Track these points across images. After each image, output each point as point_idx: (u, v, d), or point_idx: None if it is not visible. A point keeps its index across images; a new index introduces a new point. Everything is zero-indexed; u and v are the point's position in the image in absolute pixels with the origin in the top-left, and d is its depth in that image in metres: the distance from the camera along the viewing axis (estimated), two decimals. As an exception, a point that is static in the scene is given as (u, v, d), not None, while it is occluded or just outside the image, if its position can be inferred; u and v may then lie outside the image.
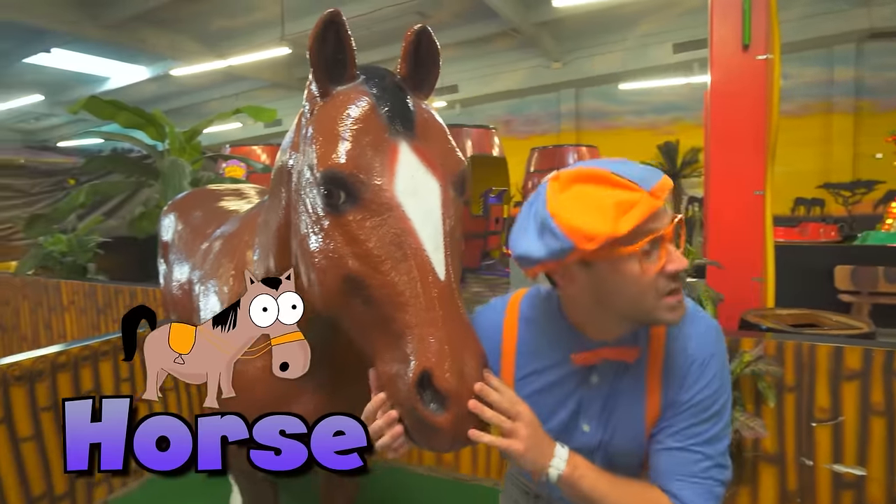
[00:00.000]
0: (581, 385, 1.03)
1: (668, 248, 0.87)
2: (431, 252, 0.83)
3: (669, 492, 0.93)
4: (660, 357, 0.99)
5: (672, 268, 0.87)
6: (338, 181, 0.86)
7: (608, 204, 0.84)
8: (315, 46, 0.90)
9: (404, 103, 0.92)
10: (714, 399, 0.95)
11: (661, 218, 0.87)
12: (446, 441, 0.78)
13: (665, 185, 0.86)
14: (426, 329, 0.78)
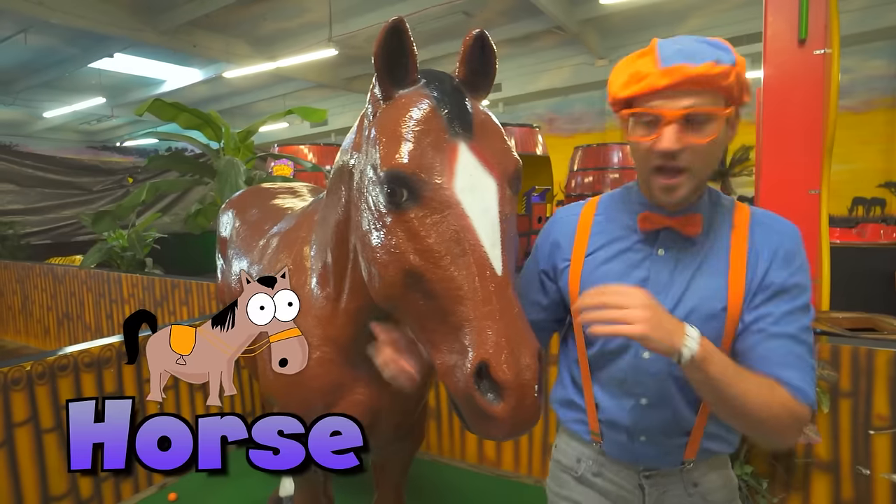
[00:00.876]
0: (648, 257, 1.08)
1: (668, 129, 0.93)
2: (489, 248, 0.87)
3: (781, 380, 0.94)
4: (744, 238, 1.03)
5: (657, 146, 0.94)
6: (400, 180, 0.90)
7: (630, 71, 0.97)
8: (380, 52, 0.95)
9: (463, 105, 0.96)
10: (804, 288, 0.99)
11: (669, 98, 0.93)
12: (502, 430, 0.82)
13: (681, 70, 0.90)
14: (484, 322, 0.82)
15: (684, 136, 0.94)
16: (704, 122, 0.94)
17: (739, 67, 0.95)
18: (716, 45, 0.96)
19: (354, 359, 1.42)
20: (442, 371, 0.86)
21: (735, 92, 0.95)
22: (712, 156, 0.99)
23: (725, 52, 0.94)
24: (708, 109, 0.93)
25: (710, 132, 0.94)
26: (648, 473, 1.15)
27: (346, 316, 1.36)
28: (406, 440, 1.71)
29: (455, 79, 1.02)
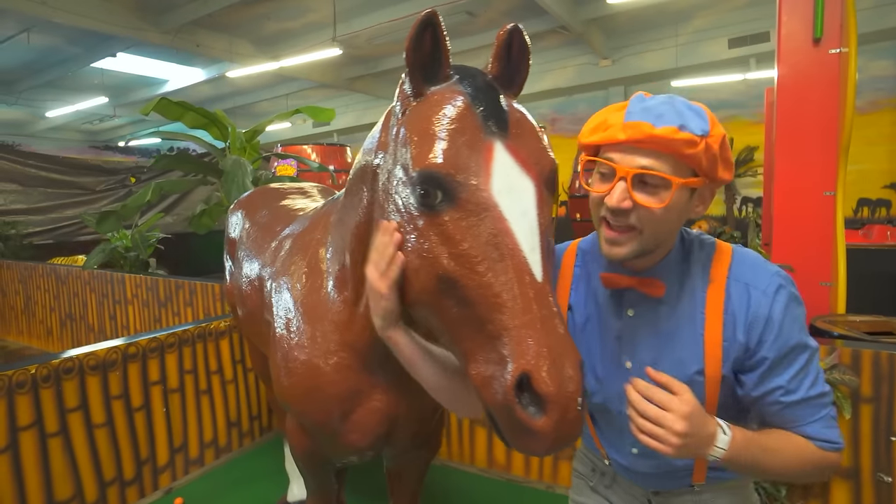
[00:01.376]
0: (618, 318, 1.07)
1: (618, 185, 0.92)
2: (528, 252, 0.82)
3: (808, 436, 0.98)
4: (720, 297, 0.99)
5: (607, 200, 0.93)
6: (435, 181, 0.86)
7: (600, 119, 0.97)
8: (412, 46, 0.91)
9: (498, 103, 0.92)
10: (800, 347, 0.97)
11: (626, 153, 0.92)
12: (543, 445, 0.77)
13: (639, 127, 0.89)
14: (524, 331, 0.77)
15: (636, 195, 0.91)
16: (659, 186, 0.91)
17: (713, 140, 0.90)
18: (692, 110, 0.92)
19: (372, 365, 1.37)
20: (478, 382, 0.82)
21: (703, 164, 0.90)
22: (666, 223, 0.94)
23: (699, 121, 0.90)
24: (660, 174, 0.89)
25: (664, 198, 0.90)
26: (657, 491, 1.17)
27: (365, 320, 1.32)
28: (423, 448, 1.66)
29: (488, 75, 0.97)
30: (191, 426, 2.96)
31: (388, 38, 11.68)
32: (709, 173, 0.92)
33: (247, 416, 3.30)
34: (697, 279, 1.02)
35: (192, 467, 2.95)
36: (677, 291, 1.02)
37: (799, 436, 0.98)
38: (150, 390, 2.76)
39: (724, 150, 0.93)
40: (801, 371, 0.97)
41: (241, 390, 3.27)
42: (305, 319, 1.42)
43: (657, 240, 0.96)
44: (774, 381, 0.97)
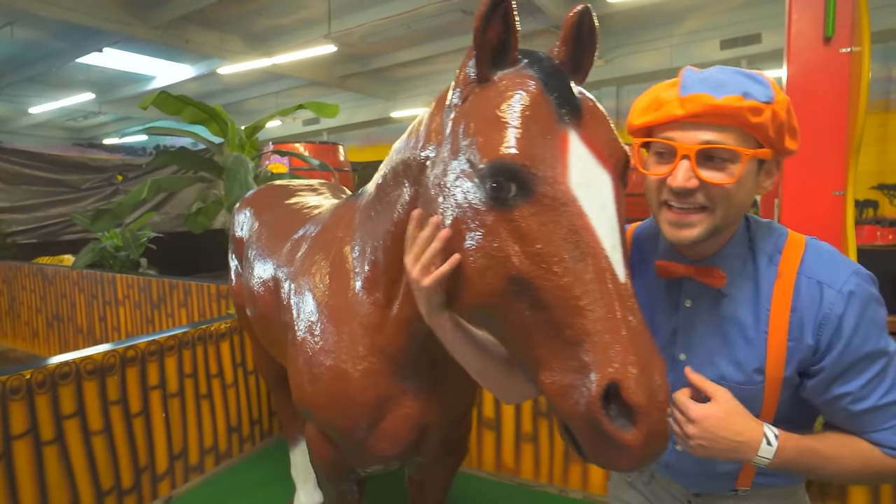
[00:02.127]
0: (675, 309, 1.01)
1: (681, 164, 0.85)
2: (610, 251, 0.76)
3: (876, 443, 0.91)
4: (788, 292, 0.91)
5: (671, 181, 0.86)
6: (509, 173, 0.78)
7: (651, 97, 0.91)
8: (481, 27, 0.83)
9: (570, 89, 0.85)
10: (876, 354, 0.89)
11: (687, 130, 0.85)
12: (632, 460, 0.71)
13: (701, 99, 0.82)
14: (608, 336, 0.70)
15: (702, 173, 0.84)
16: (727, 160, 0.84)
17: (778, 106, 0.84)
18: (751, 77, 0.85)
19: (405, 369, 1.30)
20: (553, 391, 0.75)
21: (770, 133, 0.84)
22: (736, 201, 0.87)
23: (762, 87, 0.84)
24: (728, 147, 0.83)
25: (734, 173, 0.84)
26: (697, 492, 1.10)
27: (398, 324, 1.24)
28: (452, 454, 1.59)
29: (555, 59, 0.90)
30: (191, 432, 2.85)
31: (380, 35, 11.57)
32: (776, 143, 0.86)
33: (247, 421, 3.20)
34: (764, 271, 0.94)
35: (191, 474, 2.85)
36: (740, 283, 0.95)
37: (864, 441, 0.92)
38: (148, 395, 2.65)
39: (790, 118, 0.87)
40: (874, 378, 0.89)
41: (242, 394, 3.17)
42: (332, 322, 1.34)
43: (728, 219, 0.89)
44: (843, 388, 0.90)
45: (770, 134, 0.84)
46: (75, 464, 2.35)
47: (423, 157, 1.02)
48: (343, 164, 10.18)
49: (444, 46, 12.88)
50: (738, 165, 0.84)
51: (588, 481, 2.79)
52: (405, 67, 14.94)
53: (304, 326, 1.42)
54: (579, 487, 2.80)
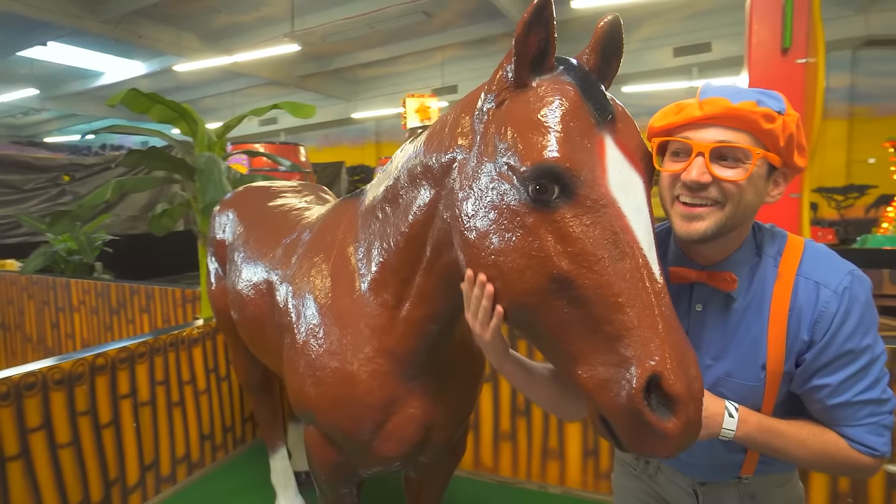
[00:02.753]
0: (687, 313, 1.05)
1: (696, 160, 0.90)
2: (647, 251, 0.79)
3: (844, 436, 0.97)
4: (787, 291, 0.97)
5: (685, 176, 0.91)
6: (552, 175, 0.81)
7: (673, 105, 0.98)
8: (523, 32, 0.85)
9: (604, 95, 0.88)
10: (859, 352, 0.94)
11: (703, 130, 0.92)
12: (671, 447, 0.74)
13: (718, 102, 0.89)
14: (648, 331, 0.74)
15: (714, 170, 0.90)
16: (739, 159, 0.90)
17: (790, 119, 0.90)
18: (766, 93, 0.92)
19: (411, 371, 1.31)
20: (592, 385, 0.77)
21: (781, 142, 0.89)
22: (745, 200, 0.92)
23: (775, 101, 0.91)
24: (741, 146, 0.89)
25: (744, 172, 0.90)
26: (703, 481, 1.15)
27: (407, 325, 1.25)
28: (452, 454, 1.61)
29: (587, 67, 0.93)
30: (162, 441, 2.75)
31: (342, 35, 11.47)
32: (784, 153, 0.92)
33: (220, 429, 3.11)
34: (768, 273, 0.99)
35: (163, 485, 2.75)
36: (748, 286, 1.00)
37: (833, 432, 0.97)
38: (119, 405, 2.55)
39: (799, 134, 0.92)
40: (855, 375, 0.94)
41: (215, 401, 3.08)
42: (336, 324, 1.33)
43: (737, 218, 0.93)
44: (823, 380, 0.95)
45: (780, 143, 0.89)
46: (41, 479, 2.23)
47: (447, 160, 1.03)
48: (304, 166, 10.04)
49: (406, 48, 12.87)
50: (749, 164, 0.89)
51: (566, 476, 2.85)
52: (367, 68, 14.85)
53: (306, 329, 1.40)
54: (558, 483, 2.85)
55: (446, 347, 1.32)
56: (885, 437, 0.96)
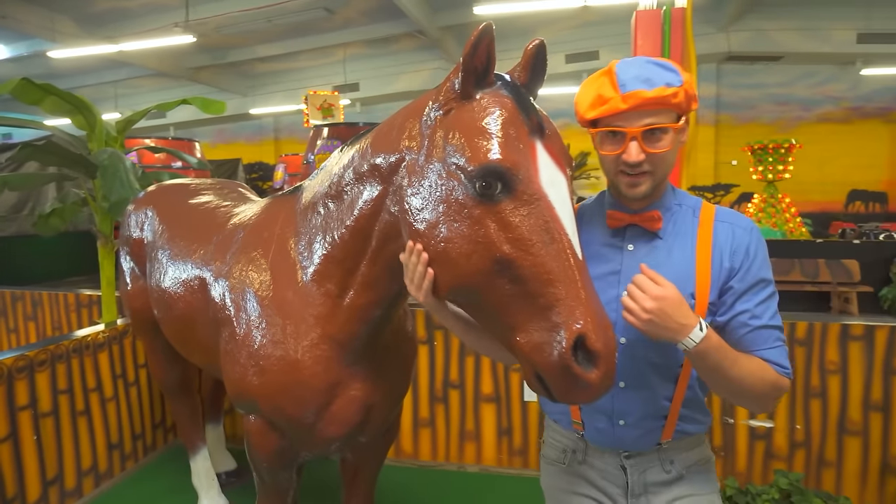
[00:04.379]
0: (620, 252, 1.20)
1: (632, 144, 1.07)
2: (571, 235, 0.95)
3: (767, 359, 1.11)
4: (709, 233, 1.16)
5: (625, 157, 1.09)
6: (497, 174, 0.95)
7: (594, 94, 1.11)
8: (470, 52, 0.98)
9: (534, 107, 1.03)
10: (768, 280, 1.13)
11: (630, 118, 1.07)
12: (594, 394, 0.90)
13: (639, 95, 1.05)
14: (575, 301, 0.90)
15: (645, 147, 1.08)
16: (661, 134, 1.08)
17: (686, 86, 1.08)
18: (666, 68, 1.09)
19: (353, 355, 1.41)
20: (529, 349, 0.92)
21: (684, 105, 1.09)
22: (669, 160, 1.13)
23: (675, 75, 1.08)
24: (661, 125, 1.07)
25: (667, 143, 1.09)
26: (629, 454, 1.26)
27: (350, 312, 1.35)
28: (388, 433, 1.72)
29: (519, 82, 1.08)
30: (66, 453, 2.60)
31: (238, 28, 11.02)
32: (686, 110, 1.11)
33: (129, 437, 2.98)
34: (688, 220, 1.18)
35: (67, 500, 2.60)
36: (671, 230, 1.17)
37: (760, 358, 1.11)
38: (17, 417, 2.38)
39: (691, 88, 1.10)
40: (764, 301, 1.12)
41: (123, 408, 2.94)
42: (279, 315, 1.40)
43: (664, 175, 1.14)
44: (744, 305, 1.11)
45: (684, 106, 1.09)
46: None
47: (395, 160, 1.14)
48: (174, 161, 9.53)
49: (307, 44, 12.61)
50: (669, 135, 1.08)
51: (482, 456, 3.05)
52: (265, 62, 14.34)
53: (247, 321, 1.45)
54: (475, 462, 3.05)
55: (380, 342, 1.44)
56: (789, 363, 1.12)
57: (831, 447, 2.68)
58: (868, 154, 14.07)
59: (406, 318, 1.62)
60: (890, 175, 14.09)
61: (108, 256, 3.24)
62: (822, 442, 2.68)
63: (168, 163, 8.11)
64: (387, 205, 1.19)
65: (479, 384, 3.04)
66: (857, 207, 14.35)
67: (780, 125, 14.39)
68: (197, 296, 1.71)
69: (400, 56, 14.43)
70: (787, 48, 12.86)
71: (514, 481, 2.90)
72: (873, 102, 14.01)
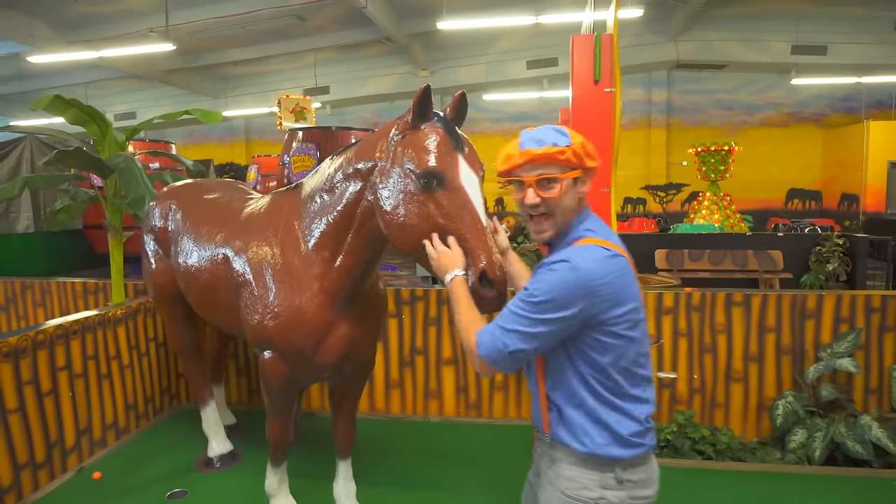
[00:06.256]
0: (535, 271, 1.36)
1: (529, 190, 1.31)
2: (480, 212, 1.55)
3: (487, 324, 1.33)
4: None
5: (525, 201, 1.32)
6: (433, 175, 1.54)
7: (505, 153, 1.35)
8: (418, 101, 1.57)
9: (458, 134, 1.63)
10: (534, 294, 1.24)
11: (526, 170, 1.31)
12: (494, 305, 1.48)
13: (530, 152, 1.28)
14: (480, 250, 1.48)
15: (538, 193, 1.30)
16: (552, 183, 1.30)
17: (575, 146, 1.28)
18: (558, 132, 1.32)
19: (340, 303, 2.00)
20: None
21: (574, 161, 1.28)
22: (564, 204, 1.31)
23: (563, 137, 1.30)
24: (550, 175, 1.28)
25: (557, 190, 1.29)
26: (538, 433, 1.44)
27: (340, 271, 1.94)
28: (366, 366, 2.31)
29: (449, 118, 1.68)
30: (94, 409, 3.11)
31: (212, 33, 11.39)
32: (580, 165, 1.31)
33: (142, 399, 3.49)
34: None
35: (96, 448, 3.11)
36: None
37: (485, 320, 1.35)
38: (57, 376, 2.89)
39: (585, 149, 1.31)
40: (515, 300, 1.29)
41: (137, 374, 3.45)
42: (290, 274, 1.98)
43: (565, 219, 1.33)
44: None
45: (574, 161, 1.29)
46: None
47: (371, 165, 1.74)
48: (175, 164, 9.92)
49: (279, 48, 13.04)
50: (559, 184, 1.29)
51: (444, 409, 3.66)
52: (237, 66, 14.68)
53: (264, 281, 2.03)
54: (437, 414, 3.66)
55: (363, 288, 2.04)
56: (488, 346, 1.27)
57: (720, 391, 3.37)
58: (805, 156, 15.28)
59: (378, 280, 2.22)
60: (824, 175, 15.33)
61: (117, 247, 3.73)
62: (714, 388, 3.37)
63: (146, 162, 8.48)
64: (365, 195, 1.78)
65: (441, 350, 3.65)
66: (795, 205, 15.55)
67: (727, 128, 15.47)
68: (220, 267, 2.27)
69: (369, 61, 14.94)
70: (730, 57, 13.89)
71: (470, 428, 3.52)
72: (809, 109, 15.22)
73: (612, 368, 1.27)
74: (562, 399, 1.32)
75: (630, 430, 1.28)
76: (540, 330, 1.22)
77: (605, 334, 1.25)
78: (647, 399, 1.32)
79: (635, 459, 1.29)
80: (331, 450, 2.52)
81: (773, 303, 3.27)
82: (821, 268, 7.29)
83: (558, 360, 1.31)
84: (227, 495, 2.75)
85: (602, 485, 1.29)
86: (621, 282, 1.25)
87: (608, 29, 4.59)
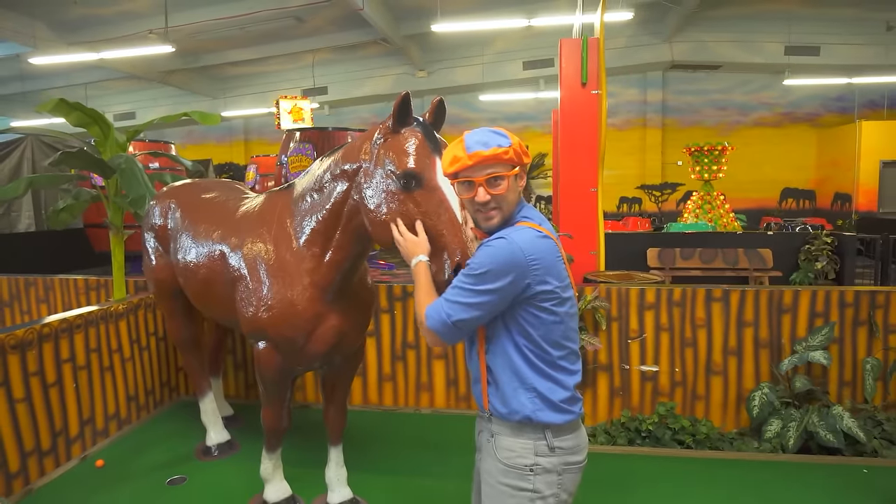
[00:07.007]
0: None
1: (479, 189, 1.39)
2: (455, 210, 1.66)
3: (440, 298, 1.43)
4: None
5: (477, 199, 1.41)
6: (412, 176, 1.65)
7: (451, 155, 1.43)
8: (398, 107, 1.68)
9: (436, 137, 1.75)
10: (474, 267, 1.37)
11: (476, 171, 1.39)
12: None
13: (478, 154, 1.36)
14: (455, 245, 1.60)
15: (489, 190, 1.40)
16: (499, 180, 1.40)
17: (515, 146, 1.40)
18: (499, 134, 1.42)
19: (331, 296, 2.12)
20: (433, 271, 1.65)
21: (515, 159, 1.40)
22: (509, 198, 1.43)
23: (505, 139, 1.40)
24: (498, 174, 1.39)
25: (504, 186, 1.40)
26: (479, 411, 1.54)
27: (329, 266, 2.07)
28: (357, 355, 2.44)
29: (428, 122, 1.81)
30: (97, 400, 3.23)
31: (211, 34, 11.51)
32: (518, 162, 1.43)
33: (143, 391, 3.61)
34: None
35: (99, 437, 3.24)
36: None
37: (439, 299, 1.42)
38: (62, 367, 3.01)
39: (521, 148, 1.43)
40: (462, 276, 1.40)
41: (138, 367, 3.57)
42: (282, 269, 2.11)
43: (509, 210, 1.45)
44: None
45: (514, 159, 1.42)
46: (2, 428, 2.67)
47: (357, 166, 1.86)
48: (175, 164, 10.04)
49: (277, 49, 13.15)
50: (505, 181, 1.41)
51: (434, 401, 3.79)
52: (236, 66, 14.80)
53: (258, 275, 2.15)
54: (428, 406, 3.78)
55: (351, 282, 2.16)
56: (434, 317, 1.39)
57: (701, 384, 3.49)
58: (798, 156, 15.43)
59: (366, 274, 2.34)
60: (817, 175, 15.48)
61: (118, 244, 3.86)
62: (695, 380, 3.49)
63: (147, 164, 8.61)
64: (352, 194, 1.90)
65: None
66: (789, 204, 15.70)
67: (721, 128, 15.61)
68: (217, 263, 2.40)
69: (367, 62, 15.07)
70: (724, 58, 14.03)
71: (460, 419, 3.64)
72: (802, 109, 15.37)
73: (544, 341, 1.40)
74: (499, 368, 1.43)
75: (560, 398, 1.40)
76: (479, 300, 1.35)
77: (537, 308, 1.38)
78: (575, 371, 1.46)
79: (565, 426, 1.42)
80: (324, 439, 2.65)
81: (751, 298, 3.40)
82: (810, 266, 7.41)
83: (497, 333, 1.43)
84: (225, 481, 2.88)
85: (536, 452, 1.41)
86: (550, 259, 1.39)
87: (596, 33, 4.72)
